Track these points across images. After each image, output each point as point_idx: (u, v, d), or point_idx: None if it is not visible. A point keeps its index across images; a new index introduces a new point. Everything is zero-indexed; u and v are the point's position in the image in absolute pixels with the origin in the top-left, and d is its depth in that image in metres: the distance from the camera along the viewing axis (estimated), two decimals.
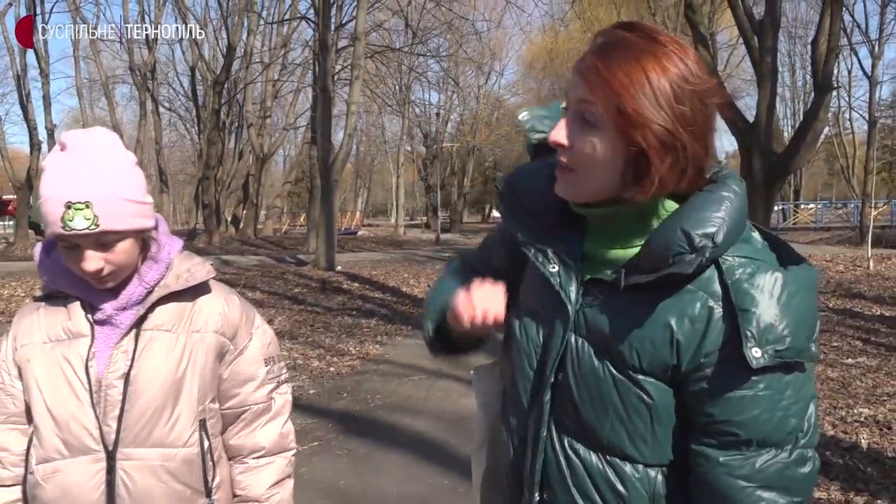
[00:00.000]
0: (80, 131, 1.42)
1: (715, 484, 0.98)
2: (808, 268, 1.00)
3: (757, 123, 9.22)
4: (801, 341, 0.95)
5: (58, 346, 1.45)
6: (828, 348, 6.99)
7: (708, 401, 0.99)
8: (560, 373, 1.07)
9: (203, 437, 1.49)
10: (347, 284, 11.94)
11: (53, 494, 1.43)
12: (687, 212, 0.98)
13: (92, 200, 1.33)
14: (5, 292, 10.89)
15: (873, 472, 3.96)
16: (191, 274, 1.51)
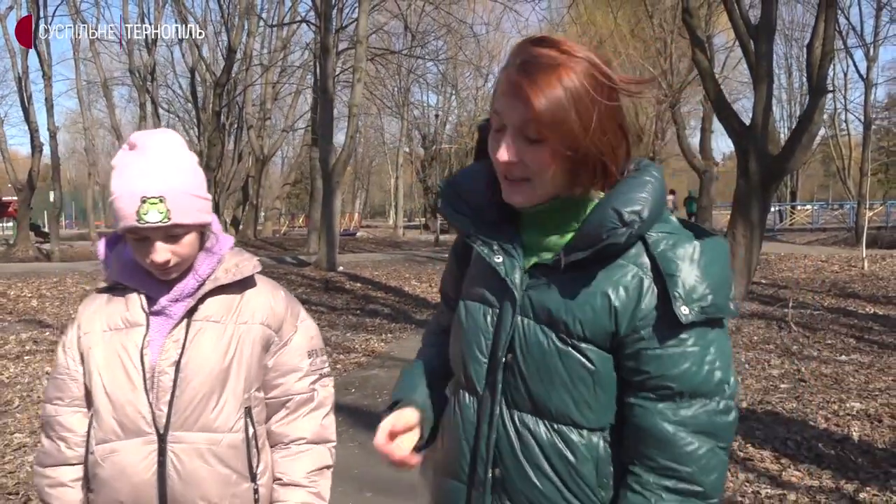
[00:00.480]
0: (148, 132, 1.51)
1: (653, 430, 1.08)
2: (720, 240, 1.13)
3: (753, 126, 9.33)
4: (722, 299, 1.07)
5: (116, 334, 1.53)
6: (822, 346, 7.16)
7: (644, 359, 1.09)
8: (510, 353, 1.15)
9: (248, 423, 1.55)
10: (350, 284, 12.09)
11: (111, 473, 1.50)
12: (615, 194, 1.10)
13: (165, 195, 1.43)
14: (12, 293, 11.00)
15: (864, 462, 4.11)
16: (238, 268, 1.58)
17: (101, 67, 28.68)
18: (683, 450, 1.07)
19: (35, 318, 9.30)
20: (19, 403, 5.68)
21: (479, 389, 1.19)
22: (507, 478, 1.15)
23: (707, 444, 1.07)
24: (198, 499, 1.50)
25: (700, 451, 1.07)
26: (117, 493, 1.50)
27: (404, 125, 34.55)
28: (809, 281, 11.64)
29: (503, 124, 1.09)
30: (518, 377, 1.14)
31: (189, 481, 1.49)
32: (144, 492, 1.49)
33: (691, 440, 1.07)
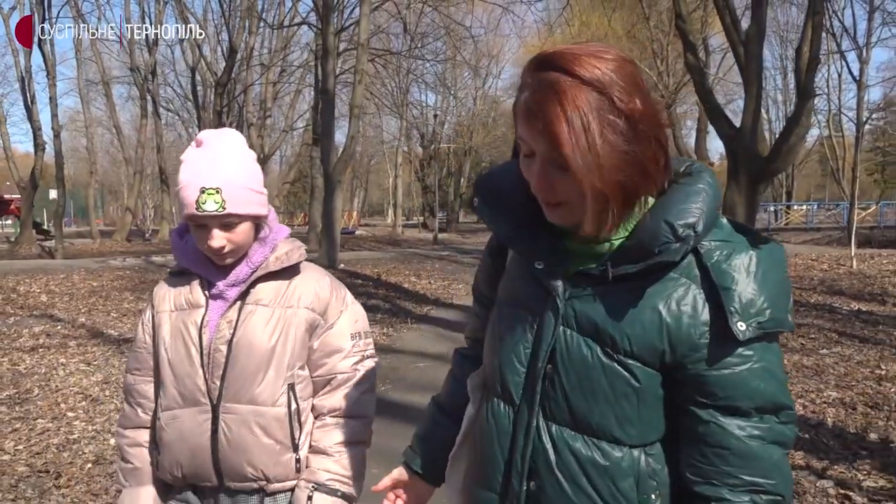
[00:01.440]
0: (213, 131, 1.65)
1: (735, 448, 1.04)
2: (777, 246, 1.07)
3: (742, 128, 9.66)
4: (780, 312, 1.03)
5: (181, 314, 1.69)
6: (806, 339, 7.45)
7: (710, 380, 1.04)
8: (550, 364, 1.10)
9: (291, 398, 1.67)
10: (351, 281, 12.33)
11: (172, 437, 1.66)
12: (668, 204, 1.03)
13: (221, 187, 1.56)
14: (21, 289, 11.27)
15: (835, 444, 4.42)
16: (287, 257, 1.70)
17: (102, 67, 28.97)
18: (768, 463, 1.05)
19: (46, 312, 9.57)
20: (38, 392, 5.96)
21: (515, 399, 1.15)
22: (543, 492, 1.12)
23: (781, 453, 1.07)
24: (245, 464, 1.63)
25: (780, 461, 1.06)
26: (178, 455, 1.66)
27: (403, 125, 34.82)
28: (798, 279, 11.95)
29: (532, 150, 1.03)
30: (558, 389, 1.10)
31: (237, 448, 1.62)
32: (200, 455, 1.64)
33: (772, 452, 1.05)
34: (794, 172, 40.11)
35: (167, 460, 1.67)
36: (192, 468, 1.66)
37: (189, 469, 1.66)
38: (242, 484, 1.66)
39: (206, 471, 1.66)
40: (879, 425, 4.75)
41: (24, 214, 22.52)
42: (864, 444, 4.41)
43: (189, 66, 27.93)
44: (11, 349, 7.54)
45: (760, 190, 9.82)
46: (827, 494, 3.64)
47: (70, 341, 7.89)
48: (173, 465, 1.67)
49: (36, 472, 4.21)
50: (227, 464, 1.64)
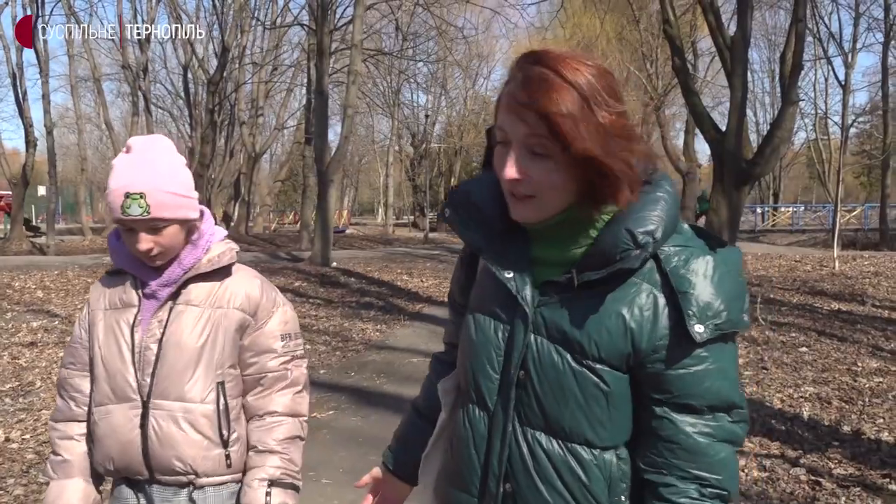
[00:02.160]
0: (142, 137, 1.70)
1: (684, 443, 1.09)
2: (733, 249, 1.12)
3: (728, 131, 9.90)
4: (735, 313, 1.07)
5: (115, 312, 1.74)
6: (786, 338, 7.69)
7: (666, 379, 1.09)
8: (522, 370, 1.14)
9: (220, 396, 1.72)
10: (344, 279, 12.55)
11: (104, 432, 1.71)
12: (628, 213, 1.07)
13: (145, 192, 1.60)
14: (17, 284, 11.36)
15: (809, 435, 4.65)
16: (219, 259, 1.75)
17: (94, 63, 28.92)
18: (714, 459, 1.09)
19: (42, 308, 9.69)
20: (41, 384, 6.12)
21: (490, 405, 1.19)
22: (519, 493, 1.16)
23: (729, 451, 1.11)
24: (173, 458, 1.67)
25: (727, 458, 1.10)
26: (109, 449, 1.71)
27: (395, 124, 34.96)
28: (782, 279, 12.23)
29: (508, 139, 1.07)
30: (531, 395, 1.14)
31: (165, 442, 1.67)
32: (130, 449, 1.69)
33: (719, 449, 1.10)
34: (781, 174, 40.55)
35: (100, 454, 1.73)
36: (124, 462, 1.71)
37: (120, 462, 1.71)
38: (172, 477, 1.70)
39: (136, 464, 1.70)
40: (853, 418, 4.98)
41: (15, 211, 22.49)
42: (836, 435, 4.64)
43: (181, 64, 27.96)
44: (10, 344, 7.68)
45: (745, 192, 10.06)
46: (799, 481, 3.86)
47: (67, 336, 8.01)
48: (105, 459, 1.73)
49: (44, 459, 4.37)
50: (157, 458, 1.68)
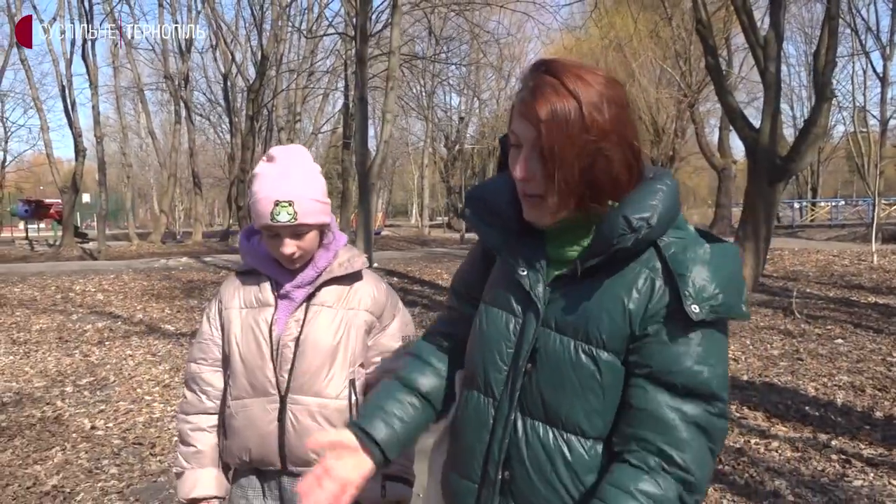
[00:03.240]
0: (283, 147, 1.80)
1: (653, 413, 1.10)
2: (731, 245, 1.17)
3: (762, 129, 10.04)
4: (732, 298, 1.09)
5: (251, 311, 1.82)
6: (822, 330, 7.85)
7: (649, 352, 1.11)
8: (530, 363, 1.19)
9: (352, 392, 1.81)
10: (387, 279, 12.91)
11: (242, 424, 1.80)
12: (627, 202, 1.13)
13: (294, 199, 1.69)
14: (77, 288, 11.97)
15: (842, 420, 4.87)
16: (350, 263, 1.84)
17: (137, 73, 29.91)
18: (681, 436, 1.09)
19: (104, 310, 10.24)
20: (114, 379, 6.59)
21: (496, 394, 1.23)
22: (514, 481, 1.19)
23: (701, 440, 1.10)
24: (309, 452, 1.73)
25: (694, 443, 1.09)
26: (247, 441, 1.79)
27: (429, 127, 35.34)
28: (819, 274, 12.29)
29: (520, 142, 1.14)
30: (535, 386, 1.18)
31: (303, 435, 1.72)
32: (268, 441, 1.78)
33: (687, 430, 1.09)
34: (819, 169, 39.99)
35: (236, 445, 1.81)
36: (260, 453, 1.79)
37: (257, 454, 1.79)
38: (305, 468, 1.76)
39: (272, 456, 1.78)
40: (885, 405, 5.19)
41: (66, 218, 23.32)
42: (869, 420, 4.86)
43: (221, 73, 28.72)
44: (80, 342, 8.21)
45: (779, 188, 10.20)
46: (830, 460, 4.11)
47: (132, 336, 8.54)
48: (242, 450, 1.80)
49: (130, 443, 4.81)
50: (293, 450, 1.77)
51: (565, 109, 1.08)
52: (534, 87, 1.11)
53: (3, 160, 38.05)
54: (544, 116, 1.08)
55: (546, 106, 1.08)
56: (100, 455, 4.58)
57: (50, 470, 4.32)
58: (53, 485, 4.09)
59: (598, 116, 1.09)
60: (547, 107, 1.08)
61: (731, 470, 4.02)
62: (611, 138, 1.10)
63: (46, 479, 4.17)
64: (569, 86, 1.09)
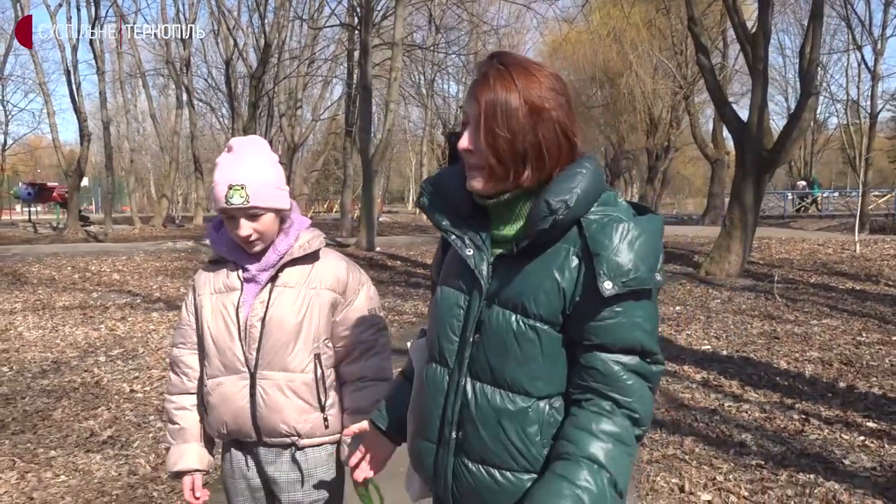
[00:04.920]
0: (243, 138, 1.90)
1: (600, 367, 1.25)
2: (655, 217, 1.28)
3: (749, 122, 10.57)
4: (645, 272, 1.21)
5: (220, 296, 1.93)
6: (800, 313, 8.40)
7: (586, 329, 1.25)
8: (476, 334, 1.32)
9: (317, 366, 1.92)
10: (391, 262, 13.52)
11: (217, 400, 1.91)
12: (549, 187, 1.26)
13: (246, 183, 1.79)
14: (93, 268, 12.47)
15: (808, 389, 5.42)
16: (309, 244, 1.93)
17: (139, 59, 30.20)
18: (625, 383, 1.25)
19: (122, 289, 10.75)
20: (143, 350, 7.11)
21: (450, 364, 1.36)
22: (466, 438, 1.32)
23: (640, 382, 1.26)
24: (279, 422, 1.88)
25: (636, 386, 1.26)
26: (223, 416, 1.91)
27: (429, 115, 35.72)
28: (803, 261, 12.85)
29: (467, 119, 1.29)
30: (482, 353, 1.31)
31: (272, 408, 1.88)
32: (241, 415, 1.90)
33: (629, 376, 1.25)
34: (812, 161, 40.54)
35: (214, 420, 1.93)
36: (235, 426, 1.91)
37: (232, 427, 1.91)
38: (277, 439, 1.91)
39: (246, 428, 1.90)
40: (849, 377, 5.74)
41: (71, 201, 23.66)
42: (832, 390, 5.41)
43: (223, 59, 29.01)
44: (104, 318, 8.72)
45: (766, 179, 10.74)
46: (791, 419, 4.67)
47: (152, 312, 9.05)
48: (219, 424, 1.93)
49: None
50: (265, 422, 1.88)
51: (505, 93, 1.23)
52: (484, 73, 1.27)
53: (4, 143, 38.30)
54: (488, 97, 1.24)
55: (490, 88, 1.24)
56: (144, 413, 5.11)
57: (102, 424, 4.86)
58: (109, 436, 4.62)
59: (535, 101, 1.23)
60: (490, 89, 1.24)
61: (705, 427, 4.58)
62: (543, 122, 1.24)
63: (101, 432, 4.71)
64: (513, 73, 1.24)
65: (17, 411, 5.18)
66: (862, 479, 3.67)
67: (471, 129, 1.28)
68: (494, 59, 1.29)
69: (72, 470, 4.08)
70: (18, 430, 4.76)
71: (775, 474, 3.76)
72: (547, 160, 1.26)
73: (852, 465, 3.86)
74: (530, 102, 1.23)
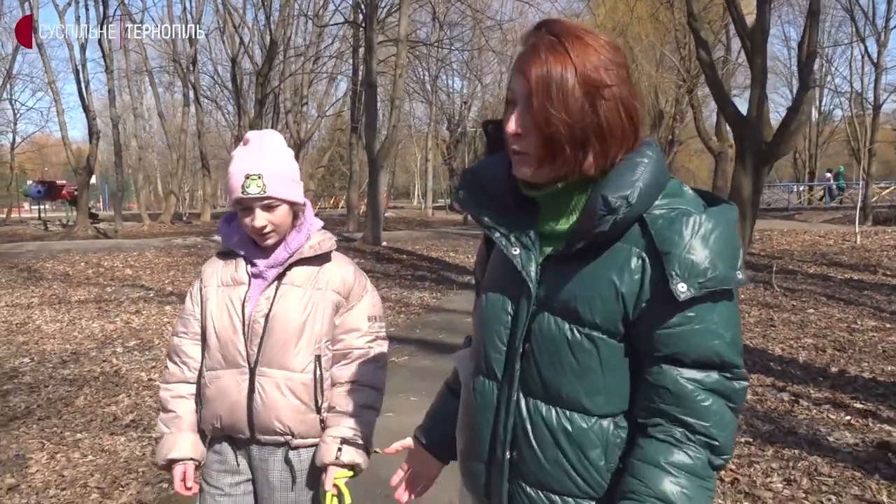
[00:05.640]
0: (258, 132, 1.90)
1: (671, 388, 1.10)
2: (727, 207, 1.12)
3: (749, 116, 10.75)
4: (725, 270, 1.06)
5: (227, 289, 1.92)
6: (797, 302, 8.60)
7: (655, 339, 1.10)
8: (527, 343, 1.19)
9: (317, 368, 1.89)
10: (397, 256, 13.78)
11: (214, 393, 1.89)
12: (607, 181, 1.11)
13: (262, 173, 1.80)
14: (106, 264, 12.74)
15: (800, 374, 5.62)
16: (320, 245, 1.93)
17: (146, 56, 30.47)
18: (700, 405, 1.09)
19: (136, 283, 11.00)
20: (158, 342, 7.36)
21: (498, 376, 1.24)
22: (522, 460, 1.20)
23: (720, 404, 1.11)
24: (275, 420, 1.86)
25: (714, 406, 1.10)
26: (218, 409, 1.89)
27: (433, 110, 35.91)
28: (803, 253, 13.03)
29: (514, 98, 1.13)
30: (533, 366, 1.18)
31: (269, 406, 1.85)
32: (237, 410, 1.88)
33: (706, 396, 1.10)
34: (817, 153, 40.56)
35: (209, 413, 1.91)
36: (230, 421, 1.88)
37: (227, 421, 1.88)
38: (271, 437, 1.89)
39: (240, 424, 1.88)
40: (841, 362, 5.94)
41: (81, 199, 23.95)
42: (824, 374, 5.61)
43: (229, 56, 29.23)
44: (119, 311, 8.98)
45: (765, 171, 10.92)
46: (782, 401, 4.88)
47: (165, 305, 9.30)
48: (214, 418, 1.90)
49: None
50: (260, 419, 1.86)
51: (559, 67, 1.07)
52: (532, 45, 1.11)
53: (13, 142, 38.65)
54: (538, 73, 1.08)
55: (540, 63, 1.08)
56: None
57: (124, 410, 5.10)
58: (131, 420, 4.87)
59: (594, 76, 1.08)
60: (541, 64, 1.08)
61: None
62: (604, 100, 1.09)
63: (123, 416, 4.95)
64: (566, 44, 1.08)
65: (41, 398, 5.42)
66: (844, 454, 3.88)
67: (519, 109, 1.12)
68: (543, 28, 1.13)
69: (98, 451, 4.31)
70: (44, 416, 5.01)
71: (762, 450, 3.97)
72: (610, 145, 1.11)
73: (836, 442, 4.07)
74: (588, 77, 1.08)
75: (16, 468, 4.04)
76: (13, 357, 6.77)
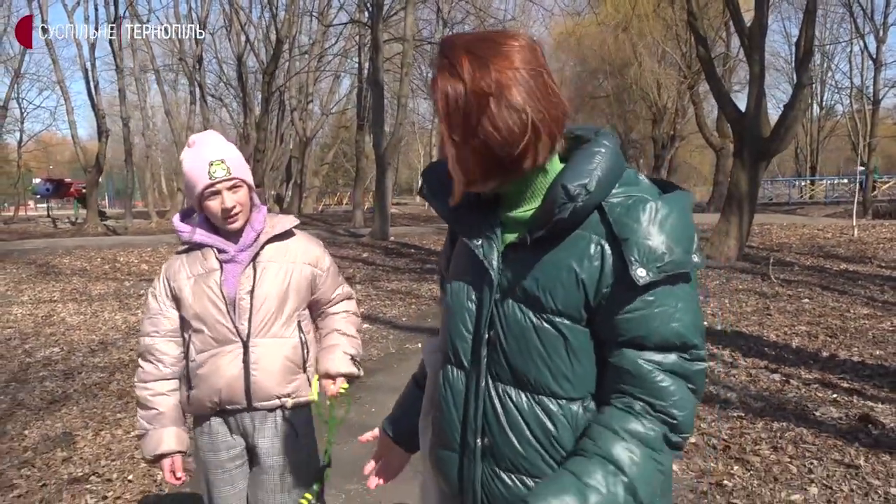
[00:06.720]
0: (198, 134, 2.03)
1: (631, 369, 1.13)
2: (682, 193, 1.16)
3: (747, 113, 11.05)
4: (681, 255, 1.10)
5: (199, 278, 2.03)
6: (793, 292, 8.91)
7: (615, 323, 1.13)
8: (491, 330, 1.21)
9: (299, 332, 2.11)
10: (405, 250, 14.11)
11: (209, 370, 2.00)
12: (566, 170, 1.14)
13: (224, 158, 1.95)
14: (122, 259, 13.09)
15: (793, 358, 5.94)
16: (282, 223, 2.12)
17: (153, 55, 30.72)
18: (658, 385, 1.12)
19: (152, 277, 11.28)
20: None
21: (465, 364, 1.25)
22: (495, 446, 1.22)
23: (678, 383, 1.13)
24: (272, 385, 2.03)
25: (672, 387, 1.12)
26: (215, 384, 2.00)
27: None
28: (801, 245, 13.33)
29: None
30: (500, 352, 1.20)
31: (266, 371, 2.01)
32: (235, 383, 2.00)
33: (664, 377, 1.12)
34: (818, 148, 40.78)
35: (205, 392, 2.02)
36: (228, 394, 2.00)
37: (226, 395, 2.00)
38: (267, 402, 2.04)
39: (238, 395, 2.00)
40: (832, 347, 6.24)
41: (90, 197, 24.27)
42: (815, 358, 5.92)
43: (235, 55, 29.52)
44: (139, 304, 9.30)
45: (762, 167, 11.22)
46: (774, 381, 5.20)
47: None
48: (212, 394, 2.01)
49: None
50: (257, 386, 2.01)
51: (454, 88, 1.09)
52: (434, 69, 1.14)
53: (20, 140, 39.02)
54: (438, 96, 1.11)
55: (438, 87, 1.11)
56: None
57: None
58: None
59: (490, 88, 1.07)
60: (439, 87, 1.11)
61: None
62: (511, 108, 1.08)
63: None
64: (457, 66, 1.09)
65: (76, 384, 5.77)
66: (828, 426, 4.20)
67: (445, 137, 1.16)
68: (441, 50, 1.15)
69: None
70: (82, 399, 5.35)
71: (752, 423, 4.30)
72: (543, 134, 1.11)
73: (822, 416, 4.39)
74: (484, 91, 1.08)
75: (65, 444, 4.38)
76: (43, 347, 7.13)
